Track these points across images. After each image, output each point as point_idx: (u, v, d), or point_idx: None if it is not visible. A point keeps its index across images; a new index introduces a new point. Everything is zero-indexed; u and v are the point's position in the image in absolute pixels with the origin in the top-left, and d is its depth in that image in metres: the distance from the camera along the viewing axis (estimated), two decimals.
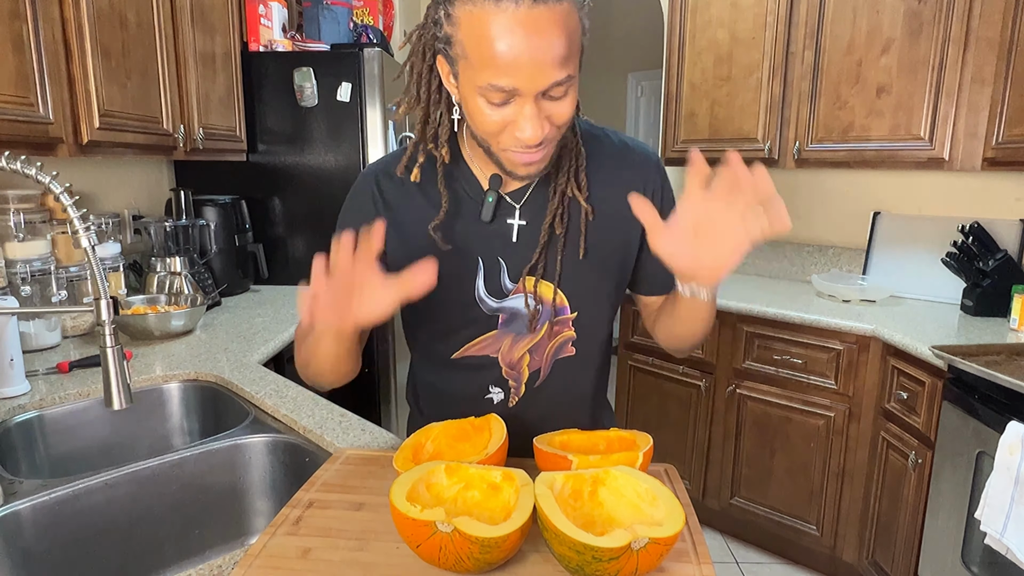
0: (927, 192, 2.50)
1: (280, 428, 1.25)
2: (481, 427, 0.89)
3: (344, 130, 2.47)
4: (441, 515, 0.65)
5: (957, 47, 2.08)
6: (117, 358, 0.90)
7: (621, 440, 0.88)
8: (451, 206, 0.89)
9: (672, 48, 2.81)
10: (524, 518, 0.67)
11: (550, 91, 0.73)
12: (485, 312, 0.91)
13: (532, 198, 0.90)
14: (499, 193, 0.89)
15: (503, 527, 0.65)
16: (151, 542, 1.16)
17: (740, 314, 2.36)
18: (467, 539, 0.64)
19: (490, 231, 0.89)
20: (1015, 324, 2.00)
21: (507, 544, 0.66)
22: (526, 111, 0.74)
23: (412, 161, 0.90)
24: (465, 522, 0.65)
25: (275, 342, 1.77)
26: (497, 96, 0.73)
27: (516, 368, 0.94)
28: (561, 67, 0.71)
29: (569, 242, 0.89)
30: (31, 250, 1.63)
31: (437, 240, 0.87)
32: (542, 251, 0.88)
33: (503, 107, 0.74)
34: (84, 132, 1.54)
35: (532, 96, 0.73)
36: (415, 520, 0.65)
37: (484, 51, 0.71)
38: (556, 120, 0.76)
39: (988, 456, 1.61)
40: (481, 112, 0.76)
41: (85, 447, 1.38)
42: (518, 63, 0.70)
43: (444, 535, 0.64)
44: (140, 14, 1.75)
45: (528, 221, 0.90)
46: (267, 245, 2.54)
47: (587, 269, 0.91)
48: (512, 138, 0.77)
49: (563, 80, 0.72)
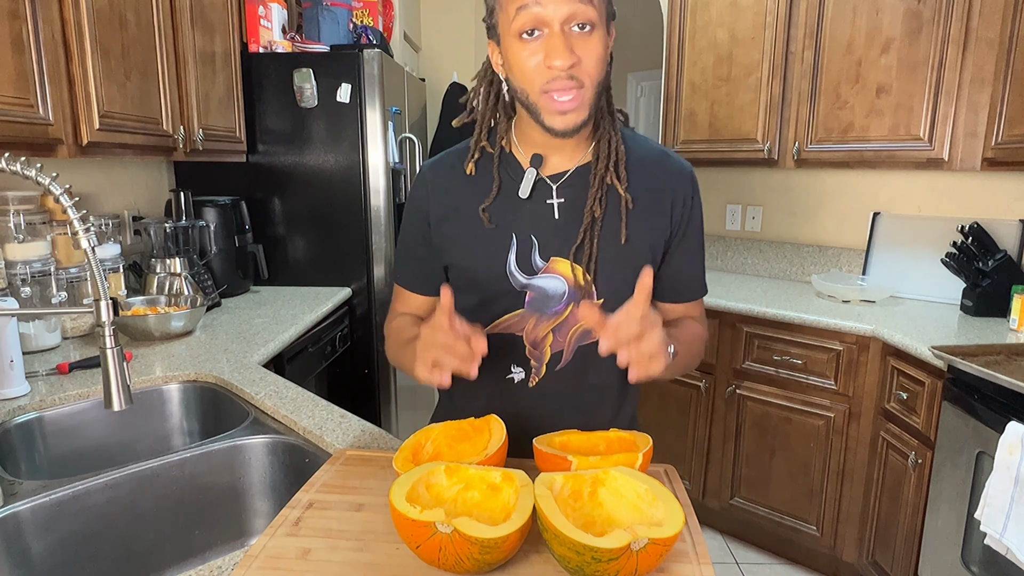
0: (927, 192, 2.50)
1: (280, 429, 1.25)
2: (481, 428, 0.90)
3: (344, 131, 2.48)
4: (441, 516, 0.65)
5: (957, 47, 2.08)
6: (117, 359, 0.90)
7: (621, 441, 0.89)
8: (489, 186, 0.96)
9: (672, 48, 2.82)
10: (524, 519, 0.67)
11: (575, 15, 0.82)
12: (514, 288, 0.95)
13: (570, 181, 0.95)
14: (538, 172, 0.95)
15: (503, 528, 0.66)
16: (151, 542, 1.16)
17: (740, 314, 2.36)
18: (467, 540, 0.64)
19: (528, 209, 0.95)
20: (1015, 324, 2.00)
21: (507, 545, 0.66)
22: (554, 40, 0.83)
23: (471, 157, 0.99)
24: (465, 523, 0.65)
25: (275, 343, 1.77)
26: (527, 20, 0.83)
27: (539, 348, 0.97)
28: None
29: (607, 227, 0.94)
30: (31, 251, 1.63)
31: (484, 220, 0.95)
32: (585, 231, 0.93)
33: (535, 43, 0.84)
34: (84, 133, 1.54)
35: (557, 23, 0.82)
36: (415, 521, 0.65)
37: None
38: (584, 57, 0.84)
39: (988, 456, 1.61)
40: (518, 56, 0.85)
41: (85, 448, 1.38)
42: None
43: (444, 536, 0.64)
44: (140, 14, 1.75)
45: (566, 201, 0.95)
46: (267, 246, 2.54)
47: (623, 256, 0.95)
48: (546, 73, 0.84)
49: (583, 8, 0.82)
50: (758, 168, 2.81)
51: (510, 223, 0.95)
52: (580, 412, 0.99)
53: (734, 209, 3.08)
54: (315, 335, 2.17)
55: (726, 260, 3.12)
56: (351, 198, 2.52)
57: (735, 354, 2.40)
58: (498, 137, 0.99)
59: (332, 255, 2.58)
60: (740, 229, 3.07)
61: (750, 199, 3.02)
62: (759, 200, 2.99)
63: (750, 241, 3.03)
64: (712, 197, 3.12)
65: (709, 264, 3.17)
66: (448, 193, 0.99)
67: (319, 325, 2.20)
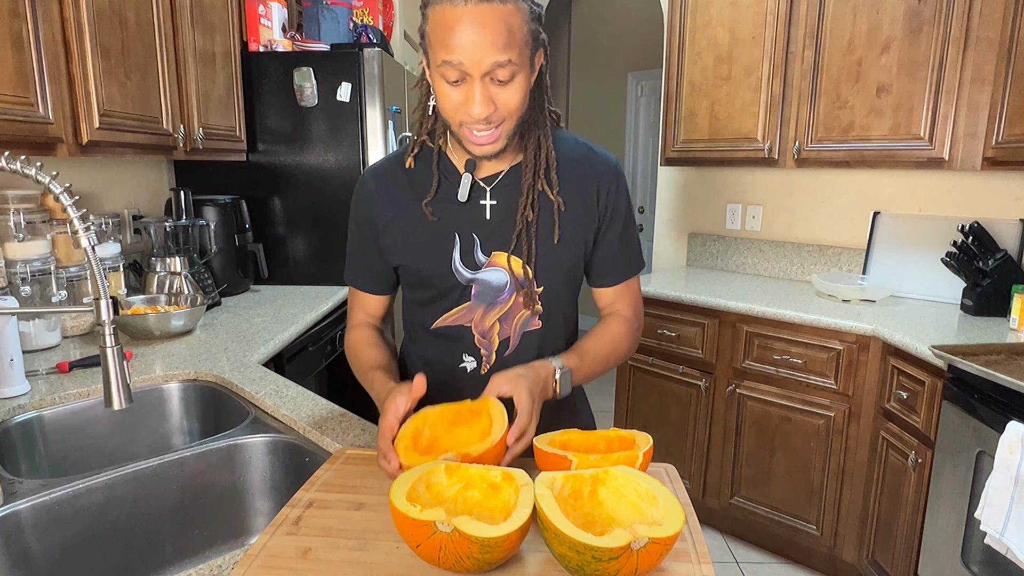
0: (927, 192, 2.50)
1: (280, 428, 1.25)
2: (478, 411, 0.89)
3: (344, 130, 2.47)
4: (441, 515, 0.65)
5: (957, 47, 2.08)
6: (117, 358, 0.90)
7: (621, 440, 0.89)
8: (429, 183, 1.03)
9: (672, 48, 2.81)
10: (524, 518, 0.67)
11: (494, 73, 0.87)
12: (460, 283, 1.03)
13: (502, 183, 1.02)
14: (473, 177, 1.01)
15: (503, 527, 0.65)
16: (151, 542, 1.16)
17: (740, 314, 2.36)
18: (467, 539, 0.64)
19: (466, 210, 1.02)
20: (1015, 324, 2.00)
21: (507, 544, 0.66)
22: (474, 90, 0.88)
23: (410, 152, 1.06)
24: (465, 522, 0.65)
25: (275, 342, 1.77)
26: (451, 73, 0.87)
27: (487, 337, 1.05)
28: (500, 50, 0.85)
29: (541, 228, 1.01)
30: (31, 250, 1.63)
31: (427, 214, 1.02)
32: (518, 236, 1.00)
33: (457, 87, 0.89)
34: (84, 132, 1.54)
35: (479, 76, 0.87)
36: (415, 520, 0.65)
37: (440, 35, 0.86)
38: (503, 105, 0.90)
39: (988, 456, 1.61)
40: (442, 90, 0.90)
41: (85, 447, 1.38)
42: (463, 45, 0.85)
43: (444, 535, 0.64)
44: (140, 14, 1.75)
45: (499, 202, 1.02)
46: (267, 245, 2.54)
47: (557, 252, 1.03)
48: (467, 116, 0.90)
49: (503, 62, 0.86)
50: (758, 167, 2.81)
51: (451, 224, 1.02)
52: None
53: (734, 209, 3.07)
54: (315, 334, 2.17)
55: (726, 260, 3.12)
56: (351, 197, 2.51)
57: (735, 354, 2.40)
58: (437, 136, 1.05)
59: (332, 254, 2.58)
60: (740, 229, 3.07)
61: (750, 199, 3.02)
62: (759, 200, 2.99)
63: (750, 241, 3.03)
64: (712, 196, 3.12)
65: (709, 263, 3.17)
66: (391, 198, 1.05)
67: (319, 324, 2.20)
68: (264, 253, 2.48)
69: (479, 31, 0.84)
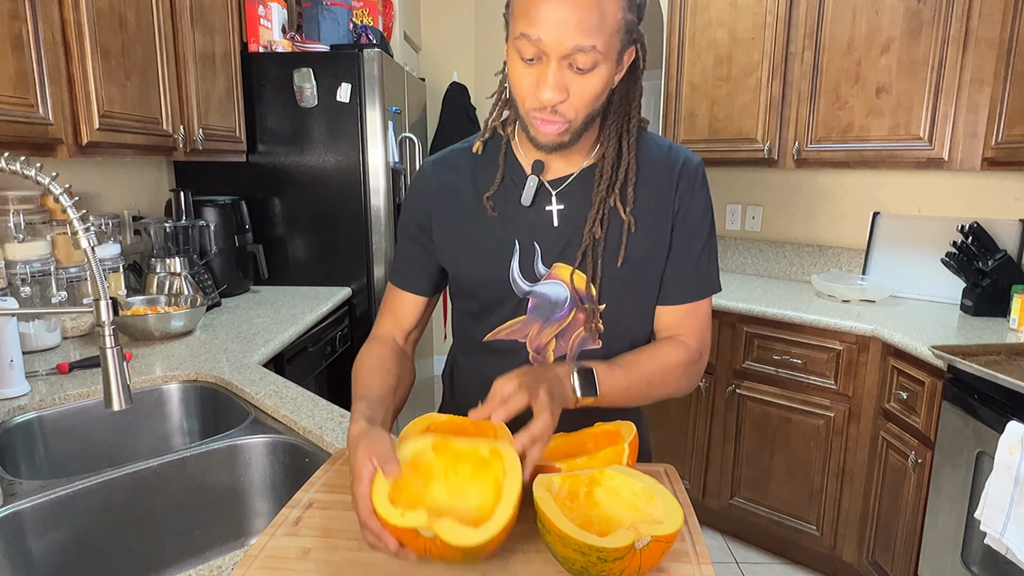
0: (927, 192, 2.50)
1: (280, 428, 1.25)
2: (484, 430, 0.88)
3: (344, 131, 2.48)
4: (423, 520, 0.65)
5: (957, 47, 2.08)
6: (117, 359, 0.90)
7: (607, 434, 0.88)
8: (493, 175, 0.95)
9: (672, 48, 2.82)
10: (507, 517, 0.66)
11: (574, 58, 0.79)
12: (516, 295, 0.95)
13: (571, 187, 0.94)
14: (540, 179, 0.93)
15: (484, 531, 0.65)
16: (151, 542, 1.16)
17: (740, 314, 2.36)
18: (448, 546, 0.64)
19: (529, 215, 0.94)
20: (1015, 324, 2.00)
21: (491, 546, 0.66)
22: (548, 73, 0.80)
23: (482, 135, 0.99)
24: (447, 528, 0.64)
25: (275, 342, 1.77)
26: (527, 49, 0.79)
27: (542, 354, 0.97)
28: (585, 34, 0.77)
29: (608, 246, 0.92)
30: (31, 251, 1.63)
31: (487, 208, 0.94)
32: (583, 253, 0.92)
33: (532, 65, 0.81)
34: (84, 133, 1.54)
35: (556, 57, 0.79)
36: (396, 527, 0.66)
37: (524, 3, 0.79)
38: (576, 95, 0.81)
39: (988, 456, 1.61)
40: (515, 68, 0.83)
41: (85, 448, 1.38)
42: (546, 18, 0.77)
43: (427, 539, 0.65)
44: (140, 14, 1.75)
45: (565, 207, 0.93)
46: (267, 245, 2.54)
47: (624, 274, 0.94)
48: (535, 100, 0.82)
49: (586, 47, 0.77)
50: (758, 168, 2.81)
51: (512, 229, 0.94)
52: (585, 417, 0.95)
53: (734, 209, 3.08)
54: (315, 335, 2.17)
55: (726, 260, 3.12)
56: (351, 198, 2.52)
57: (735, 354, 2.40)
58: (508, 125, 0.98)
59: (332, 255, 2.58)
60: (740, 229, 3.07)
61: (750, 199, 3.02)
62: (759, 200, 2.99)
63: (750, 241, 3.03)
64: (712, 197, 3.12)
65: None
66: (451, 195, 0.98)
67: (319, 325, 2.20)
68: (264, 254, 2.48)
69: (567, 7, 0.76)
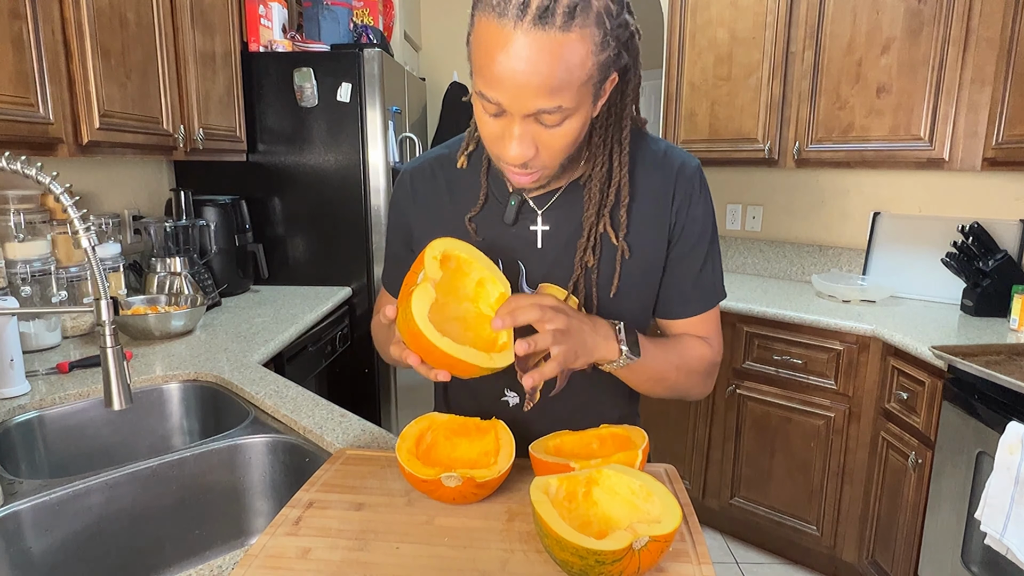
0: (927, 192, 2.50)
1: (280, 428, 1.25)
2: (485, 430, 0.89)
3: (344, 130, 2.47)
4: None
5: (957, 47, 2.08)
6: (117, 358, 0.90)
7: (614, 437, 0.88)
8: (476, 194, 0.92)
9: (672, 48, 2.81)
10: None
11: (539, 117, 0.72)
12: None
13: (557, 205, 0.89)
14: (523, 197, 0.89)
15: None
16: (151, 542, 1.16)
17: (740, 314, 2.36)
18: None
19: (512, 235, 0.90)
20: (1015, 324, 2.00)
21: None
22: (513, 130, 0.73)
23: (465, 149, 0.93)
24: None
25: (275, 342, 1.77)
26: (489, 106, 0.73)
27: None
28: (547, 96, 0.69)
29: (602, 276, 0.88)
30: (31, 250, 1.63)
31: (470, 231, 0.90)
32: (575, 283, 0.87)
33: (497, 119, 0.74)
34: (84, 132, 1.54)
35: (519, 116, 0.72)
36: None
37: (480, 60, 0.71)
38: (546, 148, 0.75)
39: (988, 456, 1.61)
40: (481, 118, 0.77)
41: (85, 447, 1.38)
42: (502, 81, 0.69)
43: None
44: (140, 14, 1.75)
45: (552, 227, 0.89)
46: (267, 245, 2.54)
47: (617, 301, 0.90)
48: (504, 154, 0.76)
49: (551, 110, 0.70)
50: (758, 168, 2.81)
51: (495, 248, 0.89)
52: (591, 417, 0.96)
53: (734, 209, 3.08)
54: (315, 334, 2.17)
55: (726, 260, 3.11)
56: (351, 198, 2.52)
57: (735, 354, 2.40)
58: None
59: (332, 255, 2.58)
60: (740, 229, 3.07)
61: (750, 199, 3.02)
62: (759, 200, 2.99)
63: (750, 241, 3.03)
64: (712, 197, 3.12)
65: None
66: (430, 206, 0.95)
67: (319, 324, 2.20)
68: (264, 253, 2.48)
69: (526, 71, 0.67)
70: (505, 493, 0.83)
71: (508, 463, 0.80)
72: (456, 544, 0.73)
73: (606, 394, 0.99)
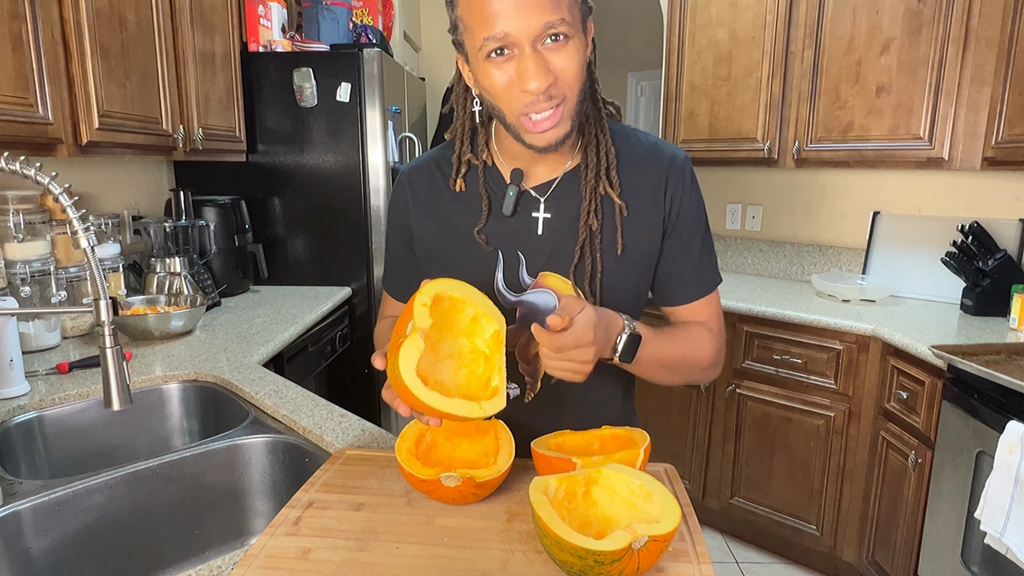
0: (927, 192, 2.50)
1: (280, 428, 1.25)
2: (485, 430, 0.89)
3: (344, 130, 2.47)
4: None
5: (957, 47, 2.08)
6: (117, 359, 0.90)
7: (616, 437, 0.88)
8: (476, 204, 0.93)
9: (672, 48, 2.81)
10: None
11: (545, 37, 0.76)
12: (503, 306, 0.93)
13: (557, 192, 0.91)
14: (520, 187, 0.91)
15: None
16: (151, 542, 1.16)
17: (740, 314, 2.36)
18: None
19: (512, 225, 0.92)
20: (1015, 324, 2.00)
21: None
22: (526, 61, 0.76)
23: (456, 173, 0.95)
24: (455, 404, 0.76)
25: (275, 342, 1.77)
26: (495, 57, 0.77)
27: (532, 364, 0.95)
28: (550, 9, 0.74)
29: (606, 238, 0.91)
30: (31, 251, 1.63)
31: (480, 243, 0.92)
32: (581, 248, 0.89)
33: (506, 63, 0.78)
34: (83, 132, 1.54)
35: (528, 43, 0.75)
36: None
37: (477, 10, 0.76)
38: (561, 74, 0.78)
39: (988, 456, 1.61)
40: (489, 76, 0.79)
41: (85, 447, 1.38)
42: (505, 9, 0.74)
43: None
44: (139, 14, 1.75)
45: (553, 214, 0.91)
46: (267, 245, 2.54)
47: (622, 266, 0.92)
48: (521, 97, 0.79)
49: (555, 22, 0.75)
50: (758, 168, 2.81)
51: (495, 240, 0.92)
52: (578, 422, 0.96)
53: (734, 209, 3.08)
54: (315, 335, 2.17)
55: (726, 260, 3.11)
56: (351, 198, 2.52)
57: (735, 353, 2.39)
58: (479, 149, 0.95)
59: (332, 255, 2.58)
60: (740, 228, 3.07)
61: (750, 199, 3.02)
62: (759, 200, 2.99)
63: (750, 241, 3.03)
64: (712, 196, 3.12)
65: None
66: (429, 207, 0.96)
67: (319, 325, 2.20)
68: (264, 253, 2.48)
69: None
70: (505, 493, 0.83)
71: (508, 463, 0.81)
72: (456, 544, 0.73)
73: (606, 389, 1.01)
